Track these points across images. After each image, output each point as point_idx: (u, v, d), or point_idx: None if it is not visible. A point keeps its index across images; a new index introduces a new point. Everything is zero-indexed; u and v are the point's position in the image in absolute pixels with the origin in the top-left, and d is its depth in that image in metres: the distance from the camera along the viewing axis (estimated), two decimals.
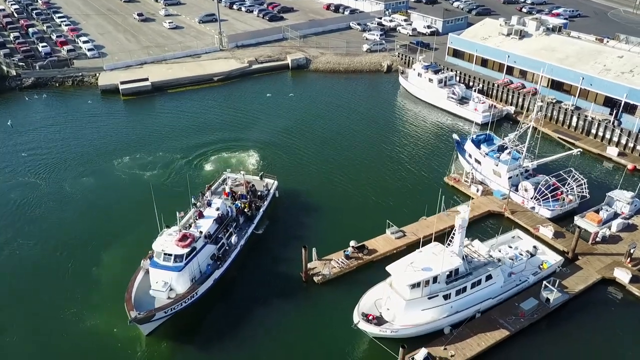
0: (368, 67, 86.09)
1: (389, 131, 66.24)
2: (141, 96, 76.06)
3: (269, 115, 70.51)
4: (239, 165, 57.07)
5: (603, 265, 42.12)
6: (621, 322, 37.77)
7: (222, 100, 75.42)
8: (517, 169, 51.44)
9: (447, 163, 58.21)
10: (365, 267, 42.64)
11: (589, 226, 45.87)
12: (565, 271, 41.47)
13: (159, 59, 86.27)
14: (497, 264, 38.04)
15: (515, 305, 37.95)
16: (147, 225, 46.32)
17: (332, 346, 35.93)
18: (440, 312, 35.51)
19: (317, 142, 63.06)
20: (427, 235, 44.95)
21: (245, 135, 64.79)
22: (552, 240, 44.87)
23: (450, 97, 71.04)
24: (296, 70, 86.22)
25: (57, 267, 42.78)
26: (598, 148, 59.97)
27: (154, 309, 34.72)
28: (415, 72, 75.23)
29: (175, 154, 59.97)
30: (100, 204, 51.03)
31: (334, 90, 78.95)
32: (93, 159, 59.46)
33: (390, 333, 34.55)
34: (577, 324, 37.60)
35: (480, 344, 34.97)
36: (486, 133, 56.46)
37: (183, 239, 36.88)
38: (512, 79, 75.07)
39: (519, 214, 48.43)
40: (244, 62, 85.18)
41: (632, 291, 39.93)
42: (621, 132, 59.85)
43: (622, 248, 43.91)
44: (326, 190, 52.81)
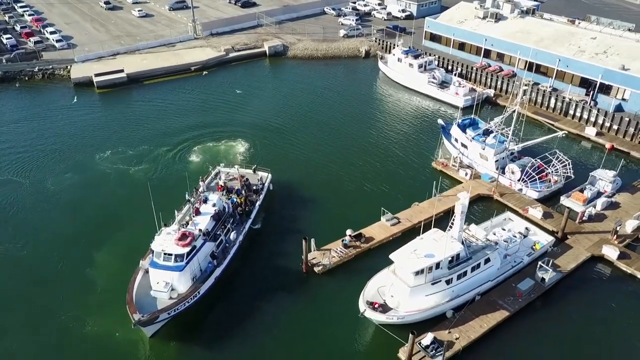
0: (346, 52, 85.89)
1: (373, 118, 66.51)
2: (117, 88, 74.04)
3: (252, 104, 69.83)
4: (227, 157, 56.56)
5: (591, 243, 43.70)
6: (612, 297, 39.35)
7: (201, 90, 74.11)
8: (503, 152, 52.56)
9: (433, 148, 59.00)
10: (363, 255, 43.05)
11: (575, 205, 47.38)
12: (557, 251, 42.87)
13: (132, 49, 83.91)
14: (495, 247, 39.04)
15: (512, 286, 39.09)
16: (140, 223, 45.75)
17: (338, 335, 36.28)
18: (443, 297, 36.29)
19: (303, 130, 62.88)
20: (421, 221, 46.15)
21: (228, 125, 64.05)
22: (541, 221, 46.19)
23: (430, 82, 71.71)
24: (274, 57, 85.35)
25: (49, 269, 41.59)
26: (577, 128, 61.73)
27: (157, 310, 34.17)
28: (395, 57, 75.52)
29: (159, 147, 58.85)
30: (87, 201, 49.75)
31: (314, 77, 78.58)
32: (73, 155, 57.81)
33: (396, 320, 35.15)
34: (570, 301, 38.99)
35: (483, 326, 35.96)
36: (471, 117, 57.31)
37: (182, 237, 36.27)
38: (490, 62, 76.25)
39: (507, 196, 49.60)
40: (221, 50, 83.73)
41: (620, 267, 41.62)
42: (598, 112, 61.72)
43: (607, 226, 45.60)
44: (317, 179, 52.83)
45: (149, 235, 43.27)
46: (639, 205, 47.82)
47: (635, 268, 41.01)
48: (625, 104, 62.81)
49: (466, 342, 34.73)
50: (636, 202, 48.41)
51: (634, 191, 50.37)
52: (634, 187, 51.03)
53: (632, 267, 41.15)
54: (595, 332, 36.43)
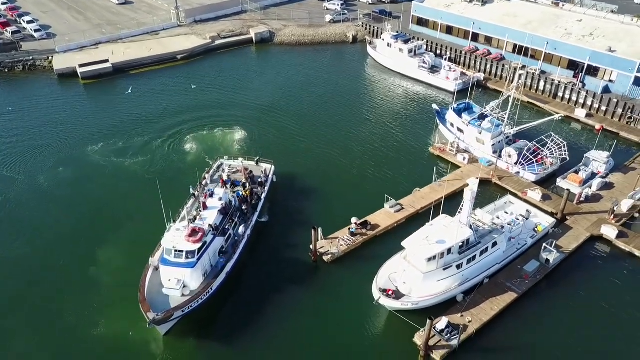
0: (333, 38, 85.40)
1: (367, 104, 66.53)
2: (102, 79, 72.25)
3: (243, 91, 69.19)
4: (224, 147, 56.15)
5: (590, 224, 44.90)
6: (613, 275, 40.61)
7: (189, 78, 72.80)
8: (500, 136, 53.32)
9: (429, 133, 59.51)
10: (370, 243, 43.39)
11: (572, 187, 48.54)
12: (558, 232, 43.93)
13: (114, 38, 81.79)
14: (501, 230, 39.79)
15: (518, 269, 40.01)
16: (141, 217, 45.48)
17: (353, 322, 36.68)
18: (454, 281, 36.94)
19: (299, 118, 62.59)
20: (424, 207, 46.81)
21: (221, 113, 63.42)
22: (540, 203, 47.17)
23: (421, 67, 71.95)
24: (260, 44, 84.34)
25: (51, 268, 40.76)
26: (567, 110, 62.85)
27: (171, 308, 33.74)
28: (385, 42, 75.42)
29: (152, 138, 58.01)
30: (84, 196, 48.81)
31: (303, 64, 77.99)
32: (63, 148, 56.47)
33: (411, 306, 35.70)
34: (574, 281, 40.10)
35: (493, 308, 36.79)
36: (466, 102, 57.82)
37: (193, 234, 35.69)
38: (478, 45, 76.81)
39: (506, 180, 50.44)
40: (207, 38, 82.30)
41: (619, 246, 42.92)
42: (587, 94, 62.95)
43: (604, 206, 46.87)
44: (317, 167, 52.73)
45: (152, 229, 43.08)
46: (632, 184, 49.17)
47: (633, 246, 42.35)
48: (612, 85, 64.20)
49: (479, 325, 35.52)
50: (629, 182, 49.79)
51: (626, 171, 51.78)
52: (626, 167, 52.47)
53: (631, 245, 42.49)
54: (600, 310, 37.57)
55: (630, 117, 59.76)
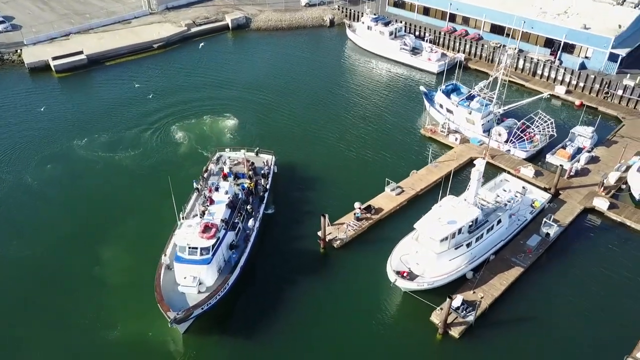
0: (311, 22, 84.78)
1: (352, 88, 66.65)
2: (77, 72, 69.70)
3: (225, 79, 68.22)
4: (216, 136, 55.50)
5: (582, 197, 46.86)
6: (608, 243, 42.67)
7: (168, 67, 71.19)
8: (489, 115, 54.62)
9: (418, 115, 60.37)
10: (375, 226, 44.03)
11: (561, 162, 50.39)
12: (553, 206, 45.68)
13: (85, 28, 78.84)
14: (504, 208, 41.13)
15: (521, 244, 41.53)
16: (142, 213, 44.95)
17: (369, 305, 37.43)
18: (464, 260, 38.08)
19: (287, 104, 62.26)
20: (423, 188, 47.77)
21: (206, 102, 62.48)
22: (533, 179, 48.76)
23: (402, 49, 72.46)
24: (237, 30, 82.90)
25: (56, 270, 39.76)
26: (547, 88, 64.66)
27: (191, 306, 33.41)
28: (364, 25, 75.47)
29: (138, 129, 56.92)
30: (78, 194, 47.55)
31: (283, 49, 77.30)
32: (46, 145, 54.60)
33: (427, 286, 36.67)
34: (573, 252, 41.93)
35: (502, 283, 38.19)
36: (453, 83, 58.80)
37: (206, 230, 35.27)
38: (455, 26, 77.82)
39: (498, 158, 51.84)
40: (182, 25, 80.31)
41: (611, 217, 45.02)
42: (565, 71, 65.00)
43: (592, 179, 48.92)
44: (314, 154, 52.77)
45: (154, 225, 42.93)
46: (616, 157, 51.35)
47: (624, 216, 44.53)
48: (588, 61, 66.44)
49: (491, 300, 36.86)
50: (613, 155, 52.00)
51: (609, 144, 54.04)
52: (609, 140, 54.75)
53: (622, 215, 44.65)
54: (600, 277, 39.54)
55: (607, 92, 62.12)
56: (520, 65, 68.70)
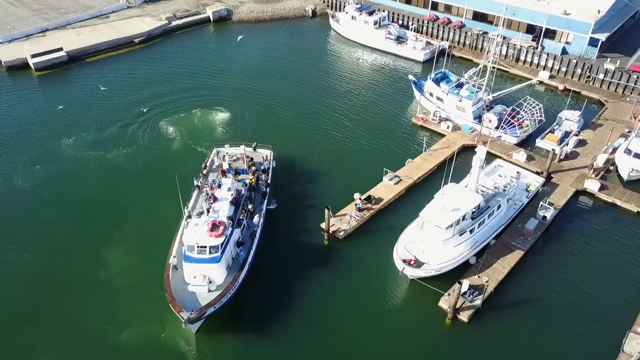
0: (293, 13, 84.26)
1: (342, 77, 66.74)
2: (58, 69, 67.77)
3: (212, 72, 67.52)
4: (209, 131, 55.08)
5: (573, 179, 48.27)
6: (601, 223, 44.21)
7: (151, 62, 69.92)
8: (479, 103, 55.55)
9: (407, 104, 60.94)
10: (377, 216, 44.51)
11: (551, 146, 51.75)
12: (547, 189, 46.95)
13: (62, 24, 76.65)
14: (503, 193, 42.12)
15: (519, 227, 42.65)
16: (141, 212, 44.65)
17: (377, 294, 37.94)
18: (467, 245, 38.90)
19: (278, 95, 62.04)
20: (420, 176, 48.47)
21: (193, 96, 61.81)
22: (525, 164, 49.96)
23: (387, 38, 72.81)
24: (219, 22, 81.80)
25: (59, 275, 38.88)
26: (531, 73, 66.06)
27: (204, 305, 33.19)
28: (349, 15, 75.47)
29: (127, 126, 56.01)
30: (74, 195, 46.57)
31: (268, 41, 76.70)
32: (32, 146, 53.09)
33: (434, 272, 37.39)
34: (568, 232, 43.29)
35: (505, 267, 39.22)
36: (442, 71, 59.47)
37: (214, 228, 34.95)
38: (438, 14, 78.45)
39: (490, 144, 52.02)
40: (162, 19, 78.84)
41: (602, 198, 46.54)
42: (547, 57, 66.41)
43: (582, 162, 50.41)
44: (309, 146, 52.85)
45: (155, 223, 42.86)
46: (602, 139, 53.03)
47: (614, 197, 46.09)
48: (569, 47, 67.98)
49: (495, 284, 37.85)
50: (600, 137, 53.65)
51: (594, 127, 55.68)
52: (594, 123, 56.39)
53: (612, 196, 46.20)
54: (596, 255, 41.03)
55: (589, 76, 63.80)
56: (504, 52, 69.81)
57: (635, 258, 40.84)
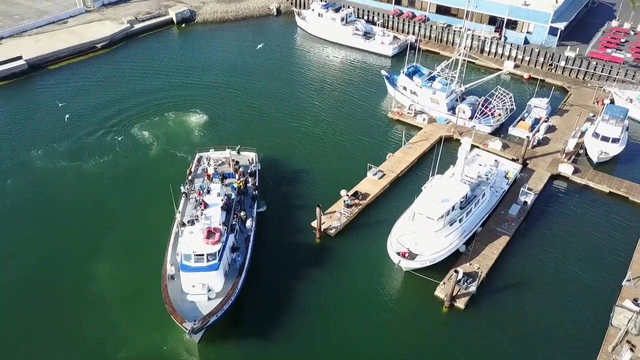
0: (257, 12, 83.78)
1: (314, 76, 66.93)
2: (18, 78, 65.09)
3: (183, 74, 66.49)
4: (186, 135, 54.29)
5: (547, 164, 50.25)
6: (577, 205, 46.24)
7: (117, 67, 68.12)
8: (452, 94, 56.95)
9: (381, 98, 61.76)
10: (365, 211, 45.01)
11: (522, 133, 53.70)
12: (524, 175, 48.73)
13: (17, 31, 73.55)
14: (487, 182, 43.48)
15: (502, 214, 44.12)
16: (126, 222, 43.60)
17: (373, 288, 38.40)
18: (457, 235, 39.98)
19: (252, 95, 61.75)
20: (402, 170, 49.38)
21: (165, 99, 60.79)
22: (501, 152, 51.63)
23: (355, 34, 73.48)
24: (182, 24, 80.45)
25: (50, 292, 37.36)
26: (496, 64, 68.14)
27: (207, 314, 32.74)
28: (315, 12, 75.69)
29: (100, 134, 54.54)
30: (53, 208, 44.88)
31: (236, 41, 76.03)
32: (0, 159, 50.98)
33: (428, 263, 38.26)
34: (548, 215, 45.06)
35: (494, 252, 40.55)
36: (414, 65, 60.58)
37: (210, 235, 34.51)
38: (402, 8, 79.69)
39: (466, 134, 53.97)
40: (124, 22, 76.84)
41: (576, 180, 48.66)
42: (511, 47, 68.65)
43: (553, 147, 52.53)
44: (290, 146, 52.79)
45: (142, 232, 41.95)
46: (570, 124, 55.42)
47: (587, 179, 48.30)
48: (531, 36, 70.50)
49: (486, 270, 39.08)
50: (567, 123, 56.05)
51: (561, 113, 58.08)
52: (560, 109, 58.81)
53: (585, 178, 48.40)
54: (576, 236, 42.96)
55: (551, 64, 66.42)
56: (468, 44, 71.56)
57: (611, 235, 43.05)
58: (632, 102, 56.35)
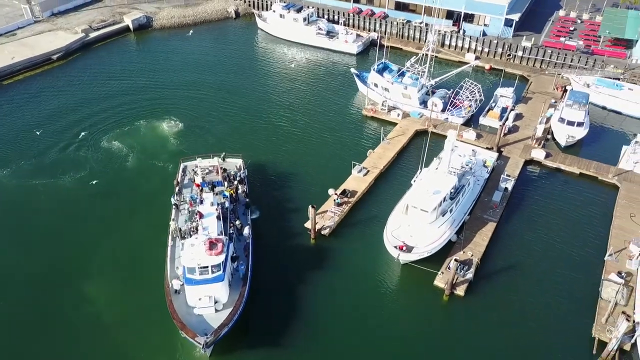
0: (215, 15, 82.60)
1: (283, 77, 66.76)
2: None
3: (147, 81, 65.11)
4: (161, 145, 53.01)
5: (520, 151, 52.49)
6: (552, 187, 48.68)
7: (76, 77, 65.50)
8: (423, 89, 58.42)
9: (352, 96, 62.49)
10: (355, 208, 45.58)
11: (493, 122, 55.85)
12: (501, 163, 50.73)
13: None
14: (471, 172, 45.00)
15: (486, 201, 45.82)
16: (116, 239, 42.38)
17: (374, 283, 39.04)
18: (449, 224, 41.23)
19: (224, 100, 61.12)
20: (385, 165, 50.35)
21: (134, 107, 59.44)
22: (475, 142, 53.52)
23: (319, 33, 73.90)
24: (139, 31, 78.30)
25: (45, 319, 35.60)
26: (458, 56, 70.39)
27: (218, 327, 32.31)
28: (276, 13, 75.50)
29: (71, 148, 52.67)
30: (31, 229, 42.91)
31: (197, 45, 74.70)
32: None
33: (426, 254, 39.25)
34: (527, 199, 47.15)
35: (484, 239, 42.07)
36: (383, 62, 61.64)
37: (212, 246, 33.87)
38: (360, 6, 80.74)
39: (440, 127, 55.84)
40: (78, 32, 73.93)
41: (548, 164, 51.10)
42: (470, 39, 71.05)
43: (522, 134, 54.89)
44: (271, 150, 52.58)
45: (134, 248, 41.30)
46: (535, 111, 58.10)
47: (559, 162, 50.83)
48: (488, 29, 73.20)
49: (479, 256, 40.51)
50: (532, 110, 58.71)
51: (526, 101, 60.75)
52: (524, 97, 61.50)
53: (556, 162, 50.92)
54: (557, 215, 45.26)
55: (509, 54, 69.25)
56: (429, 38, 73.42)
57: (588, 211, 45.71)
58: (589, 87, 59.61)
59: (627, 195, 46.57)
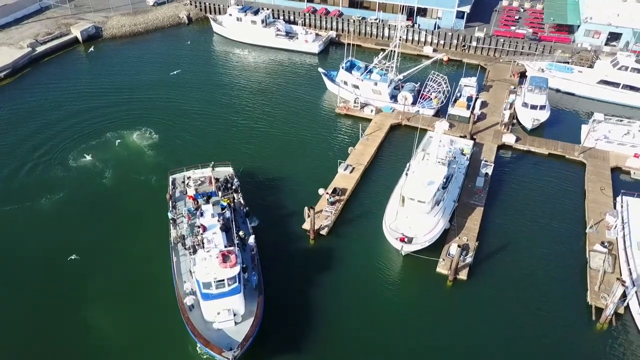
0: (167, 21, 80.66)
1: (249, 81, 66.22)
2: None
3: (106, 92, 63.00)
4: (137, 158, 51.41)
5: (491, 137, 55.07)
6: (526, 168, 51.50)
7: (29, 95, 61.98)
8: (392, 84, 59.93)
9: (321, 96, 63.09)
10: (348, 205, 46.23)
11: (462, 112, 58.23)
12: (476, 149, 53.03)
13: None
14: (455, 160, 46.80)
15: (470, 187, 47.84)
16: (107, 262, 40.82)
17: (378, 276, 39.87)
18: (443, 213, 42.78)
19: (190, 108, 59.87)
20: (368, 161, 51.42)
21: (98, 120, 57.50)
22: (449, 132, 55.52)
23: (278, 35, 73.86)
24: (89, 42, 75.16)
25: (54, 348, 34.14)
26: (416, 50, 72.57)
27: (243, 339, 32.01)
28: (233, 17, 74.74)
29: (40, 169, 50.06)
30: (14, 260, 40.30)
31: (153, 54, 72.69)
32: None
33: (428, 244, 40.53)
34: (507, 182, 49.60)
35: (475, 224, 43.96)
36: (350, 60, 62.59)
37: (226, 259, 33.26)
38: (315, 5, 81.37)
39: (413, 119, 57.52)
40: (23, 46, 69.97)
41: (519, 147, 53.97)
42: (426, 33, 73.43)
43: (490, 121, 57.57)
44: (254, 154, 52.31)
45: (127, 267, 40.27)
46: (499, 98, 61.08)
47: (528, 145, 53.79)
48: (441, 21, 75.90)
49: (474, 240, 42.35)
50: (495, 97, 61.67)
51: (487, 89, 63.67)
52: (485, 85, 64.42)
53: (526, 144, 53.87)
54: (537, 192, 48.12)
55: (464, 45, 72.21)
56: (386, 34, 75.40)
57: (562, 187, 48.90)
58: (543, 72, 63.29)
59: (594, 171, 50.06)
